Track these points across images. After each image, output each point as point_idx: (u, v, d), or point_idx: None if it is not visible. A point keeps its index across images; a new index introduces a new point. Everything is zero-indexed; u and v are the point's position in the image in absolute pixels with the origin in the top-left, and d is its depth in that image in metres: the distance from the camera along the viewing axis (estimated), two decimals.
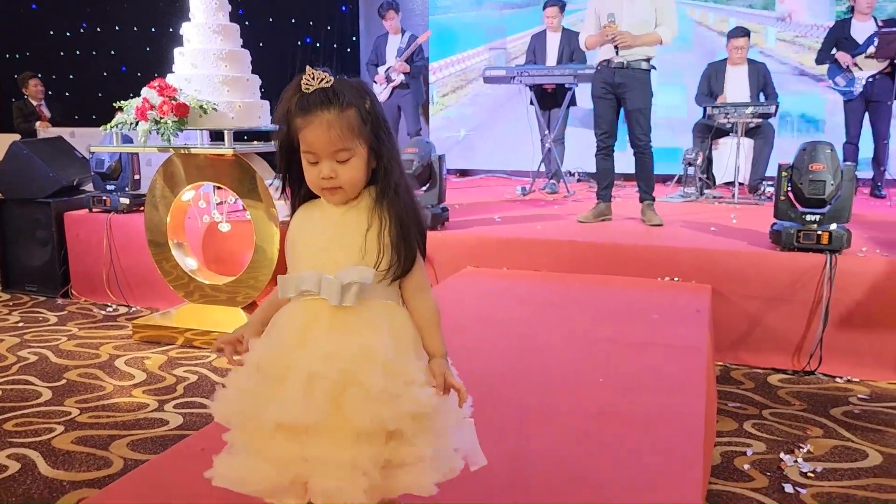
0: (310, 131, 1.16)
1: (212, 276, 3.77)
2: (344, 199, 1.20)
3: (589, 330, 2.68)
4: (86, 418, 2.69)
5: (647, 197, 4.27)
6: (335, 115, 1.15)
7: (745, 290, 3.31)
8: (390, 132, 1.23)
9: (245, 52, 3.63)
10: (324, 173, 1.17)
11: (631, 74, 4.06)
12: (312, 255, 1.20)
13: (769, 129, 5.37)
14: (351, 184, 1.18)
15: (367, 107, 1.18)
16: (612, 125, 4.20)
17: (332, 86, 1.16)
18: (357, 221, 1.18)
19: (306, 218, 1.24)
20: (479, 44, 7.42)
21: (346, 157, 1.17)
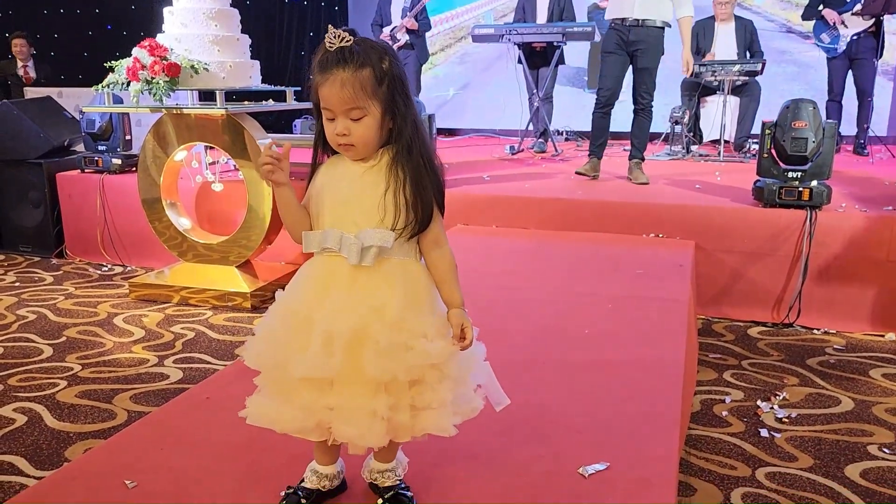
0: (325, 88, 1.21)
1: (205, 236, 3.82)
2: (358, 155, 1.25)
3: (574, 284, 2.76)
4: (88, 373, 2.76)
5: (638, 155, 4.33)
6: (349, 73, 1.19)
7: (728, 246, 3.40)
8: (408, 93, 1.26)
9: (234, 10, 3.63)
10: (338, 129, 1.22)
11: (646, 32, 4.08)
12: (334, 210, 1.26)
13: (756, 87, 5.42)
14: (363, 142, 1.23)
15: (384, 67, 1.22)
16: (618, 83, 4.23)
17: (351, 45, 1.21)
18: (375, 181, 1.24)
19: (331, 172, 1.29)
20: (467, 2, 7.37)
21: (358, 116, 1.21)
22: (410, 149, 1.24)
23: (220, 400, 1.74)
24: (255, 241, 3.61)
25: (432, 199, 1.27)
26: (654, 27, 4.10)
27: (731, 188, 3.94)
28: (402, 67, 1.28)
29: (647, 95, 4.19)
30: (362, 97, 1.20)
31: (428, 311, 1.25)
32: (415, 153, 1.25)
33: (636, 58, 4.14)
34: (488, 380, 1.34)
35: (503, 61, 6.83)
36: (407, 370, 1.19)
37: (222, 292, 3.57)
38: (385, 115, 1.23)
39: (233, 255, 3.68)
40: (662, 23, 4.12)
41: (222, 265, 3.70)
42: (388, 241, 1.22)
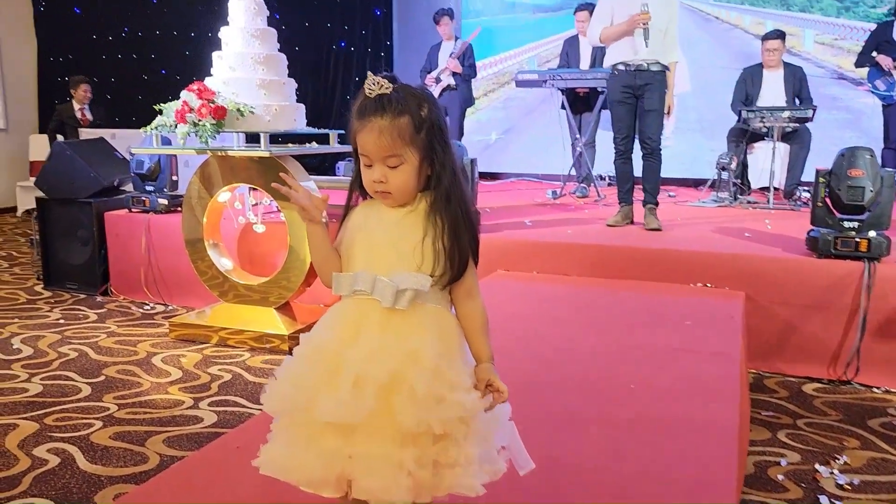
0: (363, 136, 1.20)
1: (246, 277, 3.83)
2: (395, 203, 1.23)
3: (620, 335, 2.67)
4: (123, 414, 2.75)
5: (652, 201, 4.24)
6: (388, 122, 1.18)
7: (780, 298, 3.27)
8: (446, 140, 1.24)
9: (282, 56, 3.69)
10: (375, 176, 1.20)
11: (651, 75, 4.06)
12: (368, 253, 1.23)
13: (806, 134, 5.29)
14: (400, 190, 1.21)
15: (422, 114, 1.20)
16: (632, 129, 4.21)
17: (390, 93, 1.19)
18: (412, 227, 1.21)
19: (365, 215, 1.27)
20: (511, 48, 7.43)
21: (396, 164, 1.19)
22: (449, 197, 1.22)
23: (250, 451, 1.68)
24: (294, 283, 3.60)
25: (468, 248, 1.24)
26: (658, 70, 4.07)
27: (782, 237, 3.81)
28: (442, 113, 1.26)
29: (654, 138, 4.13)
30: (400, 145, 1.18)
31: (460, 360, 1.20)
32: (453, 201, 1.22)
33: (643, 100, 4.10)
34: (513, 441, 1.26)
35: (546, 106, 6.83)
36: (441, 422, 1.12)
37: (260, 334, 3.55)
38: (423, 162, 1.21)
39: (273, 297, 3.67)
40: (663, 66, 4.09)
41: (262, 306, 3.69)
42: (425, 286, 1.18)
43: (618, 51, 4.13)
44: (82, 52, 8.10)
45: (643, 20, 3.94)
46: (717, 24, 6.29)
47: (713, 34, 6.26)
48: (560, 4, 7.07)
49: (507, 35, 7.41)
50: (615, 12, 4.10)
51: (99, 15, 7.96)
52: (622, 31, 4.06)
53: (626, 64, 4.09)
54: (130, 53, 8.01)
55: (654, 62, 4.05)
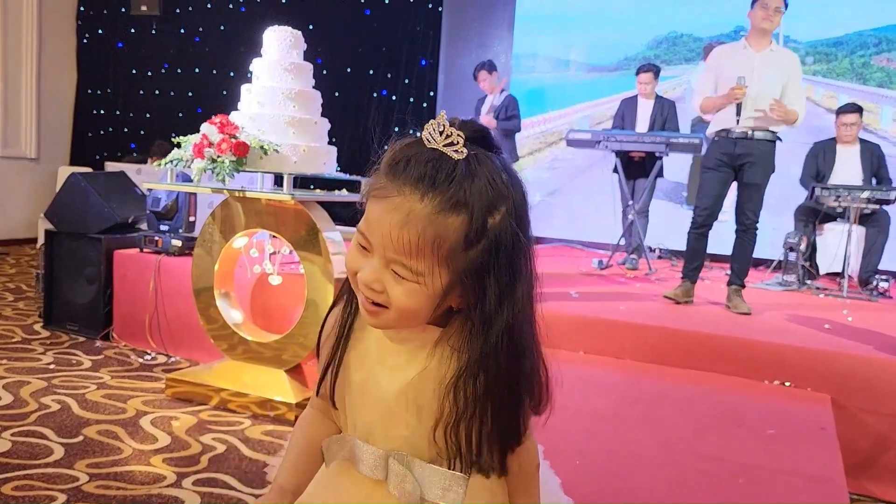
0: (377, 207, 0.75)
1: (257, 333, 3.44)
2: (389, 326, 0.79)
3: (689, 442, 2.19)
4: (93, 487, 2.34)
5: (738, 282, 3.81)
6: (427, 211, 0.73)
7: (873, 406, 2.77)
8: (516, 272, 0.80)
9: (316, 92, 3.38)
10: (366, 276, 0.76)
11: (754, 145, 3.63)
12: (373, 407, 0.81)
13: (885, 217, 4.82)
14: (403, 311, 0.76)
15: (489, 221, 0.76)
16: (718, 202, 3.78)
17: (459, 162, 0.74)
18: (442, 373, 0.79)
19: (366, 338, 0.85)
20: (562, 106, 7.13)
21: (405, 276, 0.75)
22: (496, 362, 0.78)
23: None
24: (312, 341, 3.18)
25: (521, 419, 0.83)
26: (764, 140, 3.64)
27: (869, 332, 3.32)
28: (525, 224, 0.81)
29: (752, 215, 3.70)
30: (427, 256, 0.73)
31: None
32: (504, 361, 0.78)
33: (743, 172, 3.68)
34: None
35: (595, 169, 6.46)
36: None
37: (265, 399, 3.14)
38: (453, 291, 0.76)
39: (286, 355, 3.27)
40: (773, 135, 3.66)
41: (272, 367, 3.29)
42: (456, 497, 0.77)
43: (721, 119, 3.76)
44: (121, 86, 8.02)
45: (736, 96, 3.58)
46: None
47: None
48: (618, 64, 6.77)
49: (558, 93, 7.11)
50: (720, 77, 3.76)
51: (141, 50, 7.90)
52: (721, 103, 3.71)
53: (728, 131, 3.69)
54: (168, 90, 7.90)
55: (759, 130, 3.63)
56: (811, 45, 5.91)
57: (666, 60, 6.50)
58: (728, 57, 3.78)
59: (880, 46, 5.78)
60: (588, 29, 6.86)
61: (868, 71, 5.84)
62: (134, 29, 7.82)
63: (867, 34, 5.82)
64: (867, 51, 5.83)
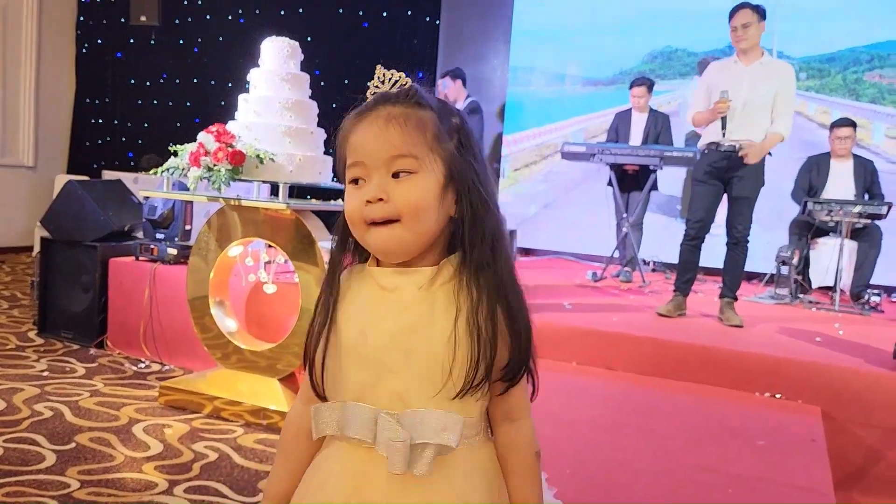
0: (358, 134, 0.80)
1: (251, 341, 3.44)
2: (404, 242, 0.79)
3: (680, 452, 2.21)
4: (84, 494, 2.34)
5: (730, 294, 3.83)
6: (400, 109, 0.79)
7: (863, 418, 2.79)
8: (485, 167, 0.84)
9: (312, 102, 3.40)
10: (369, 193, 0.78)
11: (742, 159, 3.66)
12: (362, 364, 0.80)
13: (877, 232, 4.85)
14: (415, 211, 0.77)
15: (454, 121, 0.81)
16: (709, 214, 3.80)
17: (412, 85, 0.83)
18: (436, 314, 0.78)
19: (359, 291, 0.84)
20: (556, 119, 7.17)
21: (407, 168, 0.77)
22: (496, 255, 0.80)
23: None
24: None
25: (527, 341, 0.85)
26: None
27: (859, 345, 3.34)
28: (477, 138, 0.85)
29: (742, 228, 3.73)
30: (418, 142, 0.77)
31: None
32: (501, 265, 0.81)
33: (732, 186, 3.71)
34: None
35: (589, 182, 6.49)
36: None
37: (259, 408, 3.14)
38: (450, 184, 0.78)
39: (281, 364, 3.27)
40: None
41: (266, 375, 3.29)
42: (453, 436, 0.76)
43: (710, 132, 3.79)
44: (119, 95, 8.05)
45: (720, 110, 3.61)
46: None
47: None
48: (613, 78, 6.82)
49: (554, 106, 7.15)
50: (712, 90, 3.79)
51: (140, 60, 7.93)
52: (709, 118, 3.76)
53: (718, 144, 3.72)
54: (166, 100, 7.92)
55: (749, 143, 3.66)
56: (804, 60, 5.97)
57: (661, 75, 6.55)
58: (719, 71, 3.82)
59: (873, 63, 5.83)
60: (584, 43, 6.92)
61: (861, 87, 5.89)
62: (133, 39, 7.85)
63: (860, 51, 5.88)
64: (860, 67, 5.89)
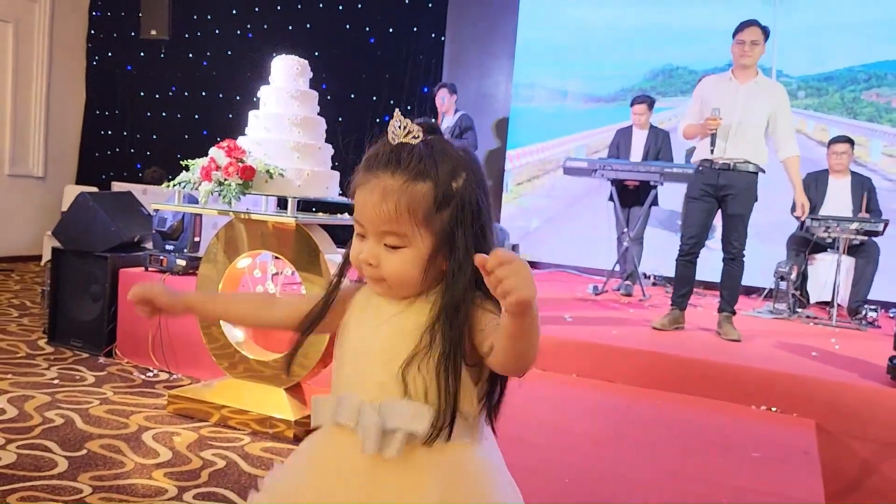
0: (362, 194, 0.90)
1: (257, 351, 3.52)
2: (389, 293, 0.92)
3: (678, 463, 2.27)
4: (96, 499, 2.40)
5: (728, 309, 3.89)
6: (398, 184, 0.87)
7: (857, 431, 2.84)
8: (482, 228, 0.91)
9: (320, 119, 3.49)
10: (363, 254, 0.90)
11: (737, 177, 3.74)
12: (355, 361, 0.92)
13: (874, 248, 4.91)
14: (398, 279, 0.89)
15: (453, 186, 0.88)
16: (703, 230, 3.87)
17: (417, 145, 0.89)
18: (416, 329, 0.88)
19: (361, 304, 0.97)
20: (559, 135, 7.26)
21: (395, 244, 0.88)
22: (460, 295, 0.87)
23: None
24: (311, 360, 3.27)
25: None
26: (746, 171, 3.75)
27: (855, 360, 3.40)
28: (485, 192, 0.92)
29: (738, 244, 3.79)
30: (407, 221, 0.87)
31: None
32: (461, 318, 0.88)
33: (726, 203, 3.78)
34: None
35: (591, 197, 6.58)
36: None
37: (265, 417, 3.21)
38: (437, 253, 0.88)
39: (286, 374, 3.34)
40: (756, 167, 3.77)
41: (272, 385, 3.36)
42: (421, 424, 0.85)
43: (703, 148, 3.86)
44: (129, 108, 8.16)
45: (710, 127, 3.69)
46: None
47: None
48: (615, 95, 6.92)
49: (556, 122, 7.24)
50: (704, 105, 3.86)
51: (149, 73, 8.05)
52: (696, 131, 3.83)
53: (711, 161, 3.79)
54: (175, 113, 8.03)
55: (742, 161, 3.73)
56: (803, 79, 6.06)
57: (661, 92, 6.64)
58: (714, 87, 3.89)
59: (870, 82, 5.92)
60: (586, 61, 7.01)
61: (858, 105, 5.98)
62: (143, 52, 7.97)
63: (857, 70, 5.97)
64: (857, 86, 5.98)
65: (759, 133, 3.74)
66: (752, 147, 3.73)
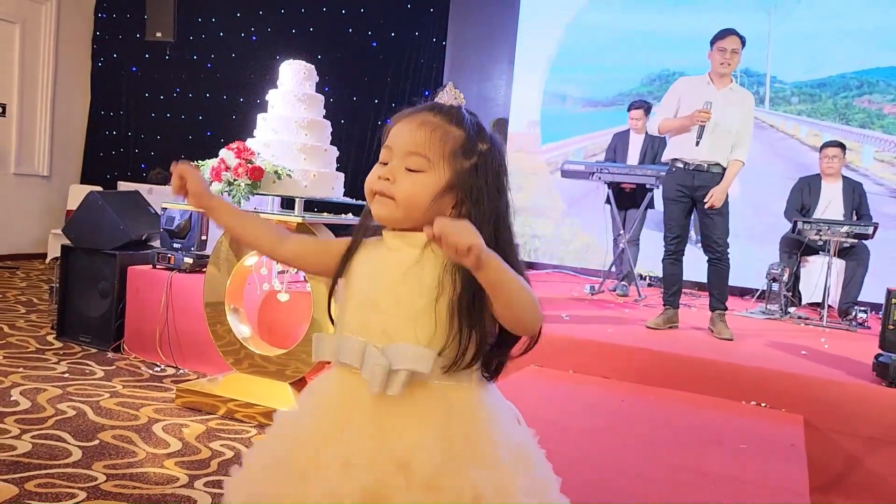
0: (399, 126, 0.99)
1: (263, 347, 3.62)
2: (391, 216, 0.98)
3: (670, 454, 2.37)
4: (111, 486, 2.50)
5: (720, 307, 3.98)
6: (436, 120, 0.98)
7: (844, 427, 2.95)
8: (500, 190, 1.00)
9: (326, 122, 3.60)
10: (382, 171, 0.98)
11: (710, 178, 3.85)
12: (361, 307, 0.98)
13: (864, 251, 5.03)
14: (407, 199, 0.96)
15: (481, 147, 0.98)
16: (684, 229, 3.99)
17: (460, 107, 1.00)
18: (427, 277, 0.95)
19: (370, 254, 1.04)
20: (557, 139, 7.36)
21: (416, 167, 0.96)
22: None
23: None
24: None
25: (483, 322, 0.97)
26: (718, 172, 3.86)
27: (844, 359, 3.51)
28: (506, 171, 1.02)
29: (721, 241, 3.89)
30: (436, 149, 0.95)
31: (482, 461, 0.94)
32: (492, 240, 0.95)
33: (701, 203, 3.87)
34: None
35: (588, 199, 6.68)
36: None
37: (271, 410, 3.30)
38: (450, 189, 0.96)
39: (290, 370, 3.44)
40: (724, 169, 3.88)
41: (276, 380, 3.46)
42: (426, 365, 0.92)
43: (677, 146, 3.96)
44: (133, 109, 8.25)
45: (701, 118, 3.78)
46: (772, 133, 6.15)
47: (767, 142, 6.11)
48: (613, 100, 7.03)
49: (554, 126, 7.35)
50: (682, 104, 3.96)
51: (154, 75, 8.14)
52: (681, 125, 3.90)
53: (685, 162, 3.90)
54: (179, 114, 8.13)
55: (715, 163, 3.85)
56: (797, 86, 6.17)
57: (658, 97, 6.70)
58: (691, 88, 3.98)
59: (862, 88, 6.04)
60: (585, 66, 7.12)
61: (850, 111, 6.10)
62: (148, 54, 8.06)
63: (850, 77, 6.09)
64: (850, 92, 6.10)
65: (731, 138, 3.86)
66: (724, 151, 3.85)
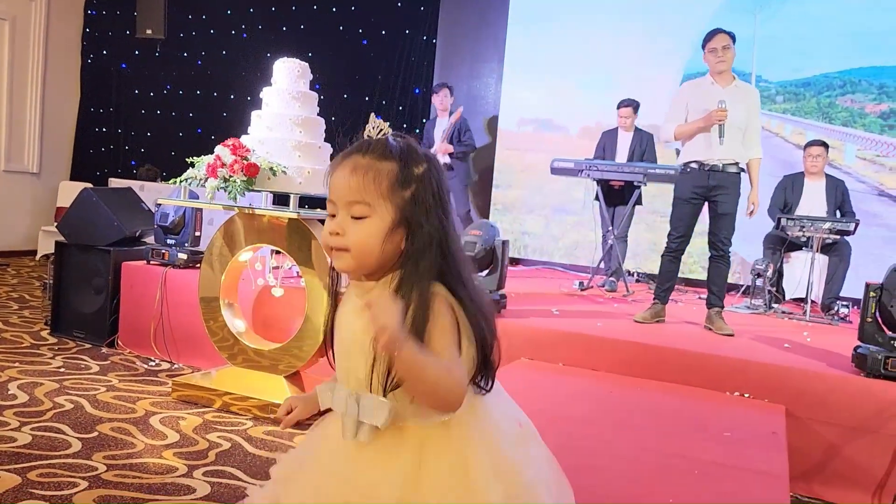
0: (334, 176, 1.02)
1: (257, 341, 3.67)
2: (350, 268, 1.01)
3: (655, 442, 2.45)
4: (111, 476, 2.55)
5: (718, 304, 4.07)
6: (366, 161, 1.00)
7: (824, 416, 3.04)
8: (444, 212, 1.01)
9: (320, 119, 3.65)
10: (331, 226, 1.00)
11: (725, 177, 3.93)
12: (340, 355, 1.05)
13: (846, 247, 5.14)
14: (359, 248, 0.98)
15: (415, 170, 1.00)
16: (690, 229, 4.06)
17: (386, 136, 1.03)
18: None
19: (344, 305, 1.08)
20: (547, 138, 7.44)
21: (360, 214, 0.98)
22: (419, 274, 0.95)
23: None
24: (307, 352, 3.43)
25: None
26: (734, 172, 3.95)
27: (825, 351, 3.61)
28: (446, 185, 1.04)
29: (726, 241, 3.98)
30: (372, 192, 0.97)
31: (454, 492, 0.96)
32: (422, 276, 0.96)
33: (716, 203, 3.96)
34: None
35: (578, 196, 6.77)
36: None
37: (266, 403, 3.36)
38: (398, 226, 0.98)
39: (283, 364, 3.50)
40: (738, 168, 3.98)
41: (271, 373, 3.51)
42: (381, 418, 0.95)
43: (693, 148, 4.01)
44: (123, 105, 8.26)
45: (719, 118, 3.83)
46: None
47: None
48: (602, 98, 7.08)
49: (544, 123, 7.43)
50: (690, 108, 4.02)
51: (144, 72, 8.14)
52: (697, 127, 3.95)
53: (701, 163, 3.96)
54: (169, 111, 8.14)
55: (731, 162, 3.92)
56: (781, 84, 6.28)
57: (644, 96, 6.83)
58: (697, 90, 4.06)
59: (845, 88, 6.16)
60: (574, 65, 7.19)
61: (833, 110, 6.21)
62: (138, 51, 8.07)
63: (833, 76, 6.21)
64: (833, 92, 6.22)
65: (741, 134, 3.94)
66: (737, 148, 3.93)
